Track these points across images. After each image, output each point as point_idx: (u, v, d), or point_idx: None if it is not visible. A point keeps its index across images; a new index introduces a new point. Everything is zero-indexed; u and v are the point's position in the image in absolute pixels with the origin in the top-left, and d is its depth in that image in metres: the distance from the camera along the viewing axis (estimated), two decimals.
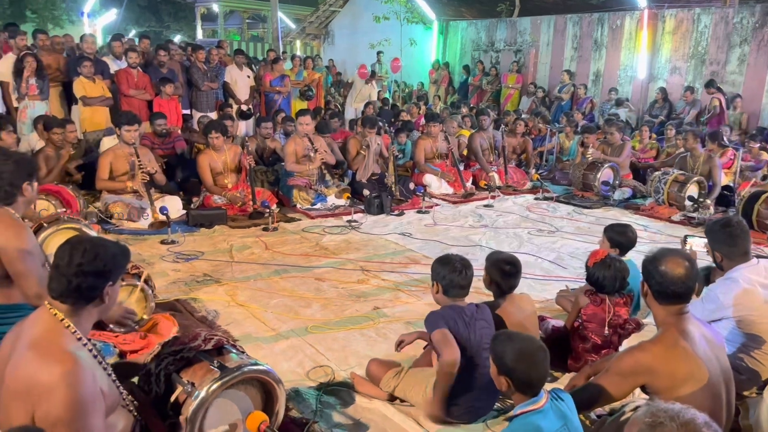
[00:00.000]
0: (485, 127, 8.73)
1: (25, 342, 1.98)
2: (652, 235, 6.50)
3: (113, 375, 2.11)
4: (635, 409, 2.61)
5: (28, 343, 1.97)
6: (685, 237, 4.20)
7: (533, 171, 8.91)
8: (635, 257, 4.13)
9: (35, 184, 3.01)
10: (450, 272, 2.97)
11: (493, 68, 14.72)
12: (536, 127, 10.94)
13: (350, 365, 3.56)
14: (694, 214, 6.96)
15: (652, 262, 2.47)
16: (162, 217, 5.84)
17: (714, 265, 3.44)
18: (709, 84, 10.78)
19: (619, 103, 12.17)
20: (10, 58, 7.61)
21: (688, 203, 7.05)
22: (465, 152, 9.09)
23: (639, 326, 3.59)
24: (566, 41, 14.15)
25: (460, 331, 2.91)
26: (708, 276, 3.64)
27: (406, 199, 7.54)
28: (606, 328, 3.52)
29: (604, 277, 3.49)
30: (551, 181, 8.98)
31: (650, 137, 9.78)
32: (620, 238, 4.05)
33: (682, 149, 8.24)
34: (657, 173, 7.65)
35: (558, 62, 14.26)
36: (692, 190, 7.18)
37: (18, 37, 8.10)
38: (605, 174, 7.93)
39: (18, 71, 7.40)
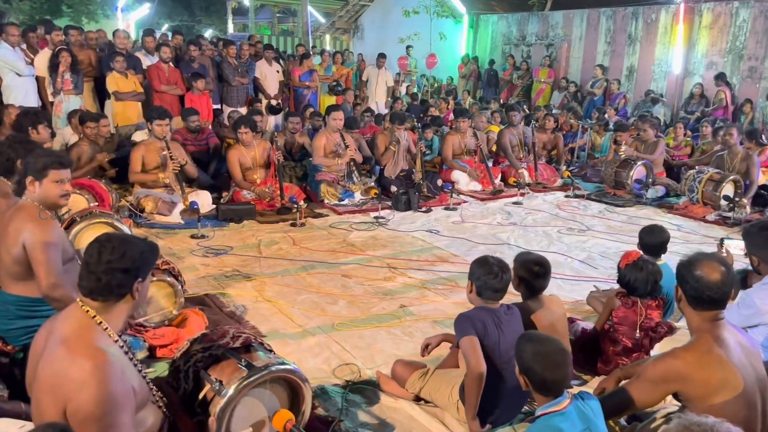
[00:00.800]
0: (515, 123, 8.62)
1: (57, 338, 2.01)
2: (685, 234, 6.36)
3: (144, 371, 2.13)
4: (666, 416, 2.56)
5: (60, 339, 2.00)
6: (722, 240, 4.09)
7: (564, 168, 8.78)
8: (670, 260, 4.04)
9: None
10: (486, 274, 2.93)
11: (524, 63, 14.54)
12: (568, 123, 10.77)
13: (376, 363, 3.56)
14: (730, 214, 6.79)
15: (687, 267, 2.41)
16: (192, 209, 5.91)
17: (751, 268, 3.35)
18: (719, 77, 10.92)
19: (654, 101, 11.91)
20: (46, 53, 7.75)
21: (723, 202, 6.88)
22: (494, 148, 9.00)
23: (671, 330, 3.51)
24: (599, 35, 13.90)
25: (489, 334, 2.88)
26: (744, 279, 3.55)
27: (433, 196, 7.50)
28: (637, 331, 3.46)
29: (635, 279, 3.42)
30: (582, 179, 8.85)
31: (685, 134, 9.55)
32: (649, 237, 3.95)
33: (718, 147, 8.04)
34: (691, 171, 7.48)
35: (590, 57, 14.02)
36: (728, 189, 7.00)
37: (53, 32, 8.24)
38: (638, 172, 7.78)
39: (53, 66, 7.54)
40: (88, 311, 2.03)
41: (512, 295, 3.75)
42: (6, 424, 2.41)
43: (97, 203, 5.11)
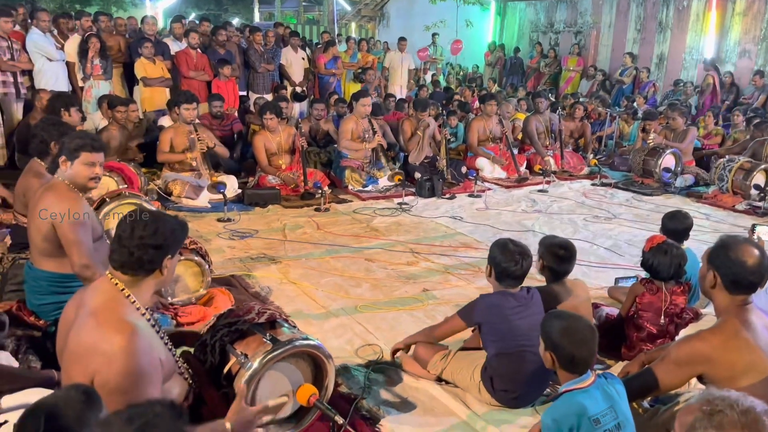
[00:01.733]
0: (541, 110, 8.54)
1: (87, 310, 2.06)
2: (714, 224, 6.25)
3: (170, 344, 2.18)
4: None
5: (90, 311, 2.04)
6: (753, 226, 4.02)
7: (591, 156, 8.68)
8: (694, 246, 3.99)
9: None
10: (506, 261, 2.93)
11: (551, 50, 14.36)
12: (595, 111, 10.63)
13: (400, 341, 3.57)
14: (760, 203, 6.66)
15: (722, 249, 2.37)
16: (219, 192, 5.99)
17: None
18: (708, 61, 11.42)
19: (684, 90, 11.69)
20: (75, 38, 7.88)
21: (753, 192, 6.74)
22: (520, 136, 8.94)
23: (697, 316, 3.48)
24: (629, 23, 13.65)
25: (506, 319, 2.91)
26: None
27: (457, 183, 7.48)
28: (662, 317, 3.43)
29: (659, 263, 3.38)
30: (610, 167, 8.74)
31: (715, 123, 9.37)
32: (672, 223, 3.90)
33: (748, 136, 7.88)
34: (721, 160, 7.34)
35: (620, 44, 13.78)
36: (758, 178, 6.86)
37: (83, 18, 8.36)
38: (667, 160, 7.65)
39: (83, 52, 7.67)
40: (117, 284, 2.08)
41: (535, 280, 3.75)
42: (39, 393, 2.48)
43: (126, 186, 5.20)
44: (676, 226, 3.89)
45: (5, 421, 2.07)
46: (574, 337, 2.23)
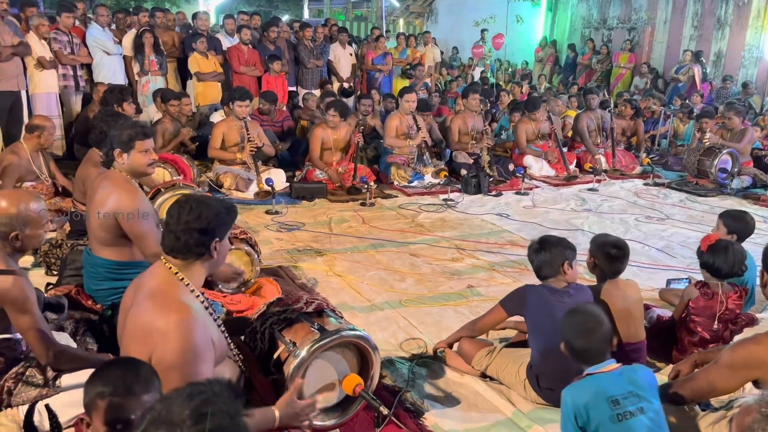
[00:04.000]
0: (593, 107, 8.36)
1: (144, 292, 2.13)
2: None
3: (222, 327, 2.24)
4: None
5: (148, 293, 2.12)
6: None
7: (644, 155, 8.45)
8: (751, 249, 3.85)
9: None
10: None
11: (604, 47, 14.04)
12: (649, 109, 10.35)
13: (443, 339, 3.57)
14: None
15: None
16: (267, 188, 6.09)
17: None
18: (694, 54, 11.83)
19: (744, 86, 11.28)
20: (132, 33, 8.12)
21: None
22: (570, 134, 8.78)
23: (753, 321, 3.36)
24: (686, 19, 13.24)
25: (542, 315, 2.89)
26: None
27: (504, 180, 7.40)
28: (716, 322, 3.32)
29: (721, 260, 3.26)
30: (663, 167, 8.51)
31: None
32: (738, 223, 3.78)
33: None
34: None
35: (675, 41, 13.38)
36: None
37: (141, 13, 8.60)
38: (723, 160, 7.40)
39: (137, 47, 7.89)
40: (170, 268, 2.14)
41: (583, 280, 3.68)
42: None
43: (180, 177, 5.34)
44: (741, 227, 3.77)
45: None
46: (577, 328, 2.38)
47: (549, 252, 2.99)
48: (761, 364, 2.21)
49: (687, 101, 10.20)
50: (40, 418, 2.39)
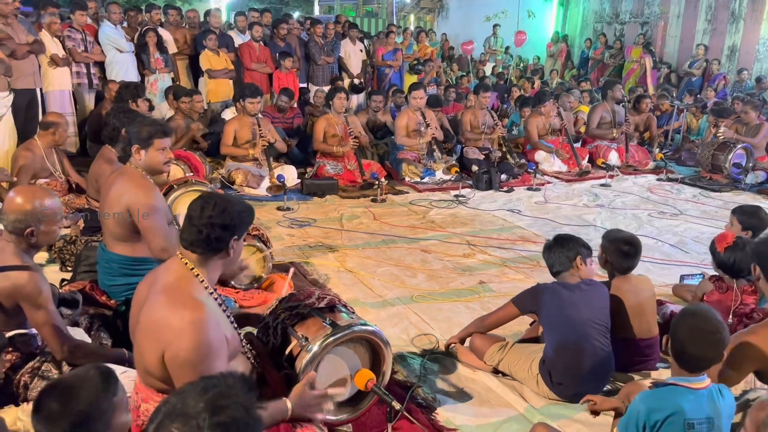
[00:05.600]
0: (619, 97, 8.34)
1: (158, 288, 2.15)
2: None
3: (235, 323, 2.25)
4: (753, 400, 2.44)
5: (161, 288, 2.13)
6: None
7: (657, 150, 8.40)
8: None
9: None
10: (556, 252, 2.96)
11: (617, 41, 13.92)
12: (662, 104, 10.26)
13: (454, 335, 3.57)
14: None
15: None
16: (279, 182, 6.11)
17: None
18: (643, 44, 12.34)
19: (758, 80, 11.15)
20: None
21: None
22: (582, 129, 8.73)
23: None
24: (699, 13, 13.09)
25: (555, 313, 2.89)
26: None
27: (514, 176, 7.37)
28: (730, 316, 3.29)
29: (740, 260, 3.22)
30: (677, 162, 8.46)
31: None
32: (752, 219, 3.75)
33: None
34: None
35: (689, 35, 13.24)
36: None
37: (153, 11, 8.63)
38: (737, 155, 7.33)
39: (141, 46, 7.91)
40: (186, 264, 2.15)
41: (596, 276, 3.66)
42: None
43: (192, 173, 5.37)
44: (756, 223, 3.73)
45: None
46: (697, 333, 2.09)
47: (563, 247, 3.00)
48: (759, 354, 2.20)
49: (699, 95, 10.10)
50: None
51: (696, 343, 2.08)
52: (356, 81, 10.00)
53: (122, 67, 7.77)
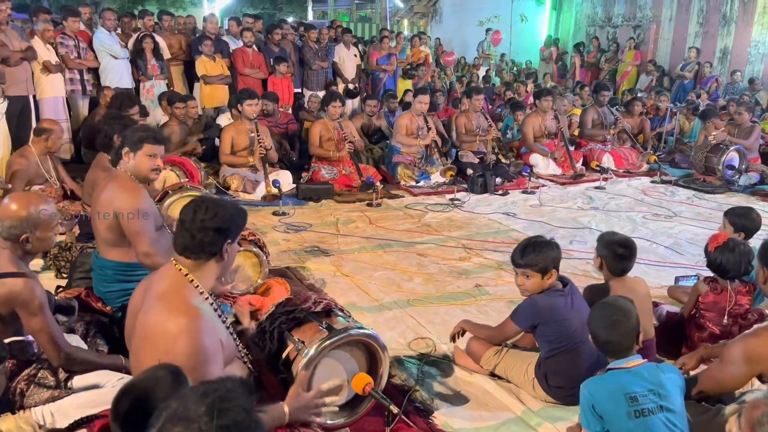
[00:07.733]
0: (604, 103, 8.38)
1: (154, 294, 2.14)
2: None
3: (231, 329, 2.25)
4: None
5: (156, 295, 2.13)
6: None
7: (650, 152, 8.43)
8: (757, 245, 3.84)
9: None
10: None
11: (613, 44, 13.99)
12: (654, 106, 10.32)
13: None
14: None
15: None
16: (274, 191, 6.11)
17: None
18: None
19: (751, 82, 11.22)
20: (134, 39, 8.13)
21: None
22: (576, 132, 8.76)
23: (762, 317, 3.34)
24: (691, 16, 13.19)
25: (553, 323, 2.87)
26: None
27: (509, 178, 7.38)
28: (725, 317, 3.31)
29: (727, 261, 3.25)
30: (670, 164, 8.49)
31: None
32: (744, 220, 3.76)
33: None
34: None
35: (681, 38, 13.33)
36: None
37: (146, 17, 8.63)
38: (730, 157, 7.38)
39: (137, 51, 7.91)
40: (181, 270, 2.15)
41: (592, 278, 3.68)
42: (106, 375, 2.60)
43: (187, 179, 5.37)
44: (748, 224, 3.75)
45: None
46: (603, 321, 2.34)
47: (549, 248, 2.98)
48: (762, 357, 2.21)
49: (689, 99, 10.15)
50: (52, 419, 2.41)
51: (604, 330, 2.33)
52: (351, 86, 10.01)
53: (117, 74, 7.76)
